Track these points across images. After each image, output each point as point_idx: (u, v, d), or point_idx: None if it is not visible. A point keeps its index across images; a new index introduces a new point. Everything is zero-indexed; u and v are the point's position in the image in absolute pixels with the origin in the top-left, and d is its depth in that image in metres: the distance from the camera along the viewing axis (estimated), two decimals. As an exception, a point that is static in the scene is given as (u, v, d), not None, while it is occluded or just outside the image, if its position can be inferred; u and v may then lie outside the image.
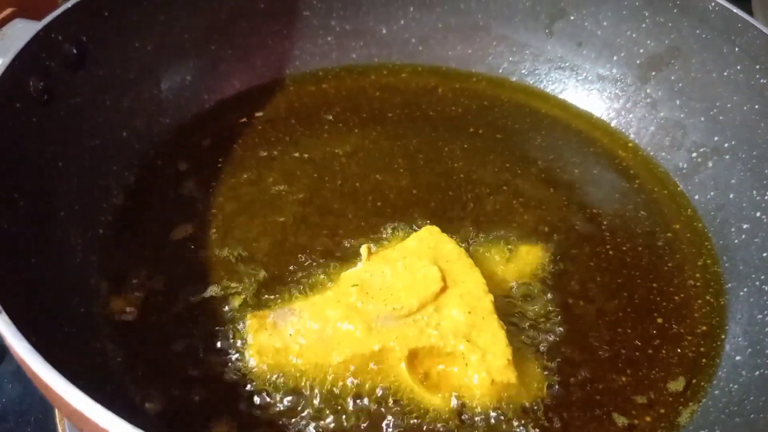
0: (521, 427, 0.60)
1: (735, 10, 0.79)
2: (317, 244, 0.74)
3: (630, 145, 0.89)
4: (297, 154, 0.85)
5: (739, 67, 0.79)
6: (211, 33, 0.90)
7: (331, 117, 0.90)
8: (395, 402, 0.61)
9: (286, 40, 0.95)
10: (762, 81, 0.76)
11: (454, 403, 0.61)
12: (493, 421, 0.60)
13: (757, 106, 0.77)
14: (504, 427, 0.60)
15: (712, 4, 0.80)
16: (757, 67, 0.77)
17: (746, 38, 0.78)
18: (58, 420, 0.71)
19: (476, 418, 0.60)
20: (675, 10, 0.84)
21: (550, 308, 0.69)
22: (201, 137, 0.86)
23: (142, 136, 0.83)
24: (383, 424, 0.60)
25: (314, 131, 0.88)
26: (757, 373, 0.62)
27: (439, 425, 0.59)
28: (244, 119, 0.89)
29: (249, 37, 0.93)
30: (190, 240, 0.74)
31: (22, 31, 0.69)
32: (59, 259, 0.67)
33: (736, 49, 0.79)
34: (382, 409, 0.60)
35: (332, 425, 0.59)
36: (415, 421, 0.60)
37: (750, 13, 0.93)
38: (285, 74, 0.95)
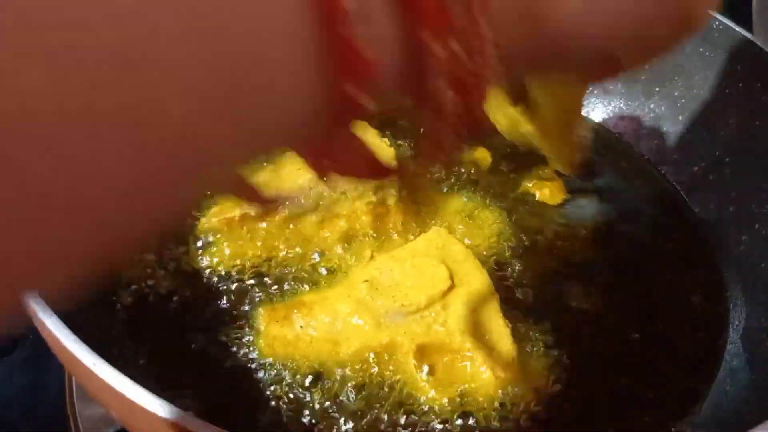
0: (522, 423, 0.61)
1: (738, 29, 0.81)
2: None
3: (634, 158, 0.92)
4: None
5: (741, 85, 0.82)
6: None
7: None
8: (401, 396, 0.62)
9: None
10: (762, 99, 0.79)
11: (457, 398, 0.62)
12: (495, 417, 0.62)
13: (757, 122, 0.80)
14: (506, 424, 0.61)
15: (717, 23, 0.83)
16: (759, 85, 0.79)
17: (748, 57, 0.81)
18: (69, 411, 0.72)
19: (479, 414, 0.62)
20: (680, 29, 0.87)
21: (554, 312, 0.71)
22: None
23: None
24: (388, 417, 0.61)
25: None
26: (752, 376, 0.64)
27: (440, 421, 0.61)
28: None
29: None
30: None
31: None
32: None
33: (738, 67, 0.82)
34: (388, 402, 0.62)
35: (338, 415, 0.61)
36: (419, 417, 0.61)
37: (751, 32, 0.96)
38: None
